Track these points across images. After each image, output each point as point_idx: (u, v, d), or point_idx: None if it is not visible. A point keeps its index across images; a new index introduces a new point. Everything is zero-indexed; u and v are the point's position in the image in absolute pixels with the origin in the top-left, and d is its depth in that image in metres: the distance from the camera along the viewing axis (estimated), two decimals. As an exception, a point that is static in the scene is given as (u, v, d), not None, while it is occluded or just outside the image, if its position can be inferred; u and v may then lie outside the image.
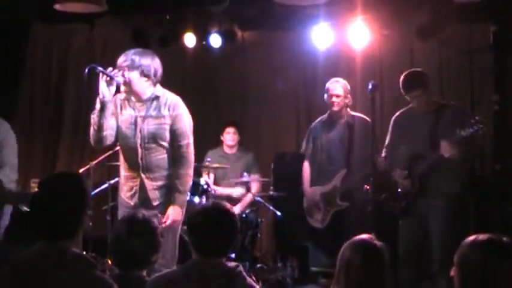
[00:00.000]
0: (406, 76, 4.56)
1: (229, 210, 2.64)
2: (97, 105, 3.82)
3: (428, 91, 4.55)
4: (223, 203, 2.68)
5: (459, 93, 6.29)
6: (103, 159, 5.64)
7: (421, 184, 4.45)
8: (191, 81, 7.28)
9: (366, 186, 4.61)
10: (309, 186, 5.37)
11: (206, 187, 5.62)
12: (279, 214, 6.04)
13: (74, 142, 7.12)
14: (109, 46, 7.10)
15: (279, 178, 6.18)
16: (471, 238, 2.17)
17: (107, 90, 3.77)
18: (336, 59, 6.53)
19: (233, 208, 2.74)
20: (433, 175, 4.41)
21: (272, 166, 6.33)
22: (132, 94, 3.94)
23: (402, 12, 5.50)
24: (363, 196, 4.78)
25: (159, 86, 4.00)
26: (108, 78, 3.76)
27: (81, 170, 5.57)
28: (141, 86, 3.90)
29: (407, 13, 5.50)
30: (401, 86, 4.56)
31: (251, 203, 6.11)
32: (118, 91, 3.92)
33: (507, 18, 5.56)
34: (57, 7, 4.89)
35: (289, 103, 7.14)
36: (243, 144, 6.46)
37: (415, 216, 4.48)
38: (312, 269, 5.39)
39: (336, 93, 5.17)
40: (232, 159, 6.25)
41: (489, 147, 5.91)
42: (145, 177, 3.95)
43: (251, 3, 6.11)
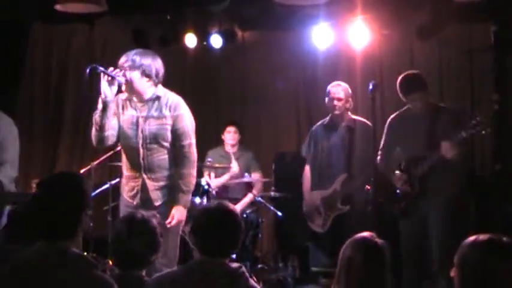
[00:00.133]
0: (404, 78, 4.53)
1: (233, 210, 2.64)
2: (99, 105, 3.81)
3: (426, 93, 4.53)
4: (226, 203, 2.68)
5: (459, 93, 6.29)
6: (104, 159, 5.64)
7: (421, 185, 4.44)
8: (191, 81, 7.27)
9: (367, 186, 4.62)
10: (310, 190, 5.32)
11: (207, 188, 5.63)
12: (280, 214, 6.04)
13: (74, 142, 7.12)
14: (109, 46, 7.09)
15: (280, 178, 6.17)
16: (471, 238, 2.17)
17: (109, 90, 3.77)
18: (336, 59, 6.53)
19: (237, 209, 2.74)
20: (433, 175, 4.39)
21: (273, 167, 6.33)
22: (134, 94, 3.93)
23: (402, 12, 5.50)
24: (363, 198, 4.78)
25: (161, 86, 3.99)
26: (109, 78, 3.76)
27: (82, 170, 5.57)
28: (142, 86, 3.90)
29: (407, 13, 5.50)
30: (399, 89, 4.53)
31: (252, 203, 6.12)
32: (120, 91, 3.92)
33: (507, 18, 5.56)
34: (57, 7, 4.89)
35: (289, 103, 7.14)
36: (243, 143, 6.47)
37: (415, 216, 4.47)
38: (313, 269, 5.37)
39: (338, 96, 5.14)
40: (233, 158, 6.25)
41: (489, 147, 5.91)
42: (147, 177, 3.95)
43: (251, 3, 6.12)
